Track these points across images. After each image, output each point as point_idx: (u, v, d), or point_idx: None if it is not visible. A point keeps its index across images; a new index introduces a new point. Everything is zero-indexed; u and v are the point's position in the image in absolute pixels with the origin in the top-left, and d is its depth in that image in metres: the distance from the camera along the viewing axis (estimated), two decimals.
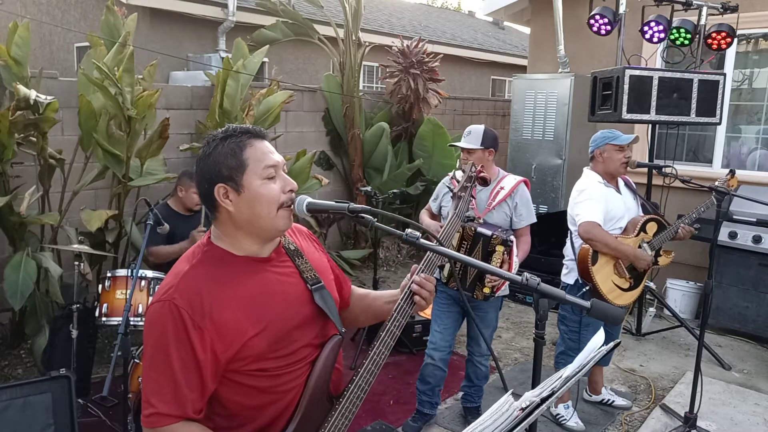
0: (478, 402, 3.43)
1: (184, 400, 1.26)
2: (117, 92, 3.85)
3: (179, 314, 1.26)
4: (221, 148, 1.35)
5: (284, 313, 1.36)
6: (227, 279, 1.33)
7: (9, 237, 3.87)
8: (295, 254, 1.45)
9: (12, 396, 2.67)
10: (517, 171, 6.61)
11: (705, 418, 3.53)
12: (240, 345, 1.29)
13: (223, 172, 1.34)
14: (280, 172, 1.38)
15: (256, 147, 1.36)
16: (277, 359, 1.34)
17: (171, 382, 1.26)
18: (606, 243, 3.10)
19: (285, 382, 1.36)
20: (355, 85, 6.41)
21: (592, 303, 1.27)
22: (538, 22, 6.99)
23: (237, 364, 1.31)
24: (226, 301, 1.30)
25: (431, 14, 15.35)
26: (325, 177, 5.38)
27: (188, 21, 7.76)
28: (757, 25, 5.30)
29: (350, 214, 1.50)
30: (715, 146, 5.69)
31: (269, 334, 1.32)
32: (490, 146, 3.13)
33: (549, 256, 5.65)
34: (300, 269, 1.43)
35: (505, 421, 0.99)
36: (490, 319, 3.25)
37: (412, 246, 1.47)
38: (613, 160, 3.25)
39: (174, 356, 1.26)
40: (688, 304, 5.39)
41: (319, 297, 1.42)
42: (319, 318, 1.42)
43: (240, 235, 1.37)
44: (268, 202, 1.34)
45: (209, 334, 1.26)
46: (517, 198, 3.16)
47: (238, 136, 1.37)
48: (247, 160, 1.34)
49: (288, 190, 1.37)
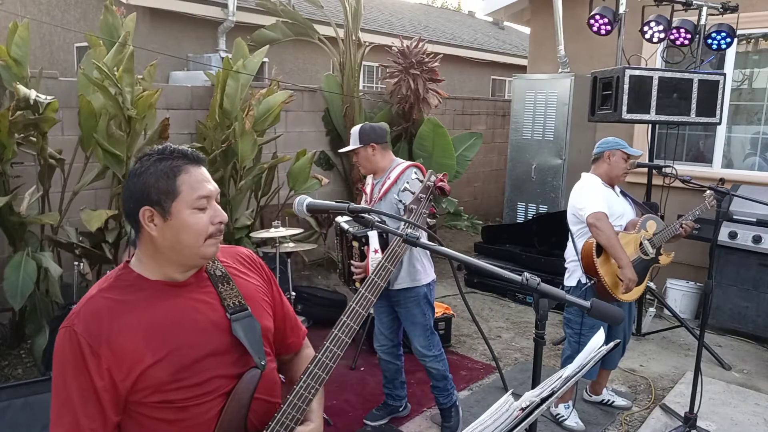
0: (444, 402, 3.32)
1: (81, 429, 1.21)
2: (117, 92, 3.85)
3: (77, 341, 1.22)
4: (154, 168, 1.29)
5: (191, 341, 1.28)
6: (133, 305, 1.27)
7: (9, 237, 3.87)
8: (220, 280, 1.37)
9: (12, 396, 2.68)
10: (517, 171, 6.64)
11: (705, 418, 3.53)
12: (138, 373, 1.23)
13: (152, 196, 1.27)
14: (212, 203, 1.32)
15: (192, 174, 1.30)
16: (183, 390, 1.26)
17: (70, 411, 1.22)
18: (609, 237, 3.10)
19: (195, 416, 1.28)
20: (355, 85, 6.41)
21: (592, 303, 1.27)
22: (538, 22, 6.99)
23: (138, 395, 1.24)
24: (126, 328, 1.24)
25: (431, 14, 15.36)
26: (325, 177, 5.37)
27: (188, 21, 7.76)
28: (757, 25, 5.30)
29: (350, 214, 1.51)
30: (715, 146, 5.69)
31: (170, 363, 1.25)
32: (370, 141, 3.11)
33: (549, 256, 5.65)
34: (222, 296, 1.35)
35: (505, 421, 0.99)
36: (413, 315, 3.18)
37: (413, 246, 1.46)
38: (619, 166, 3.29)
39: (72, 385, 1.22)
40: (688, 304, 5.39)
41: (238, 326, 1.33)
42: (238, 348, 1.33)
43: (160, 259, 1.32)
44: (195, 232, 1.29)
45: (106, 362, 1.22)
46: (404, 182, 3.06)
47: (175, 159, 1.30)
48: (179, 186, 1.28)
49: (217, 221, 1.32)
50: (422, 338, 3.21)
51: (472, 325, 4.93)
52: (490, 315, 5.38)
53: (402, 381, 3.50)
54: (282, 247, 3.78)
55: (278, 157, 5.26)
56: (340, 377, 4.03)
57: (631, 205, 3.45)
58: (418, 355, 3.26)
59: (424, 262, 3.19)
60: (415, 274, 3.14)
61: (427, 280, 3.19)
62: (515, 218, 6.65)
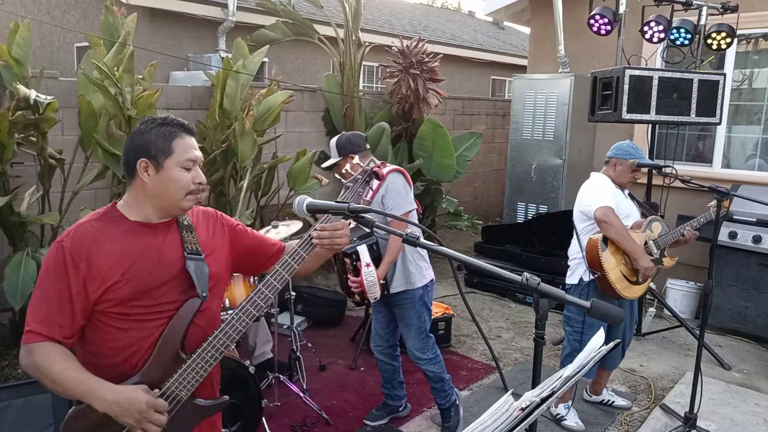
0: (442, 403, 3.32)
1: (53, 323, 1.49)
2: (117, 92, 3.85)
3: (63, 253, 1.51)
4: (156, 130, 1.59)
5: (153, 271, 1.56)
6: (113, 236, 1.56)
7: (9, 237, 3.87)
8: (185, 228, 1.66)
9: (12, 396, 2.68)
10: (517, 171, 6.64)
11: (705, 418, 3.53)
12: (106, 287, 1.51)
13: (151, 150, 1.57)
14: (196, 167, 1.62)
15: (185, 140, 1.61)
16: (139, 307, 1.54)
17: (46, 307, 1.50)
18: (619, 230, 3.13)
19: (143, 329, 1.56)
20: (355, 85, 6.41)
21: (592, 303, 1.27)
22: (538, 22, 6.99)
23: (103, 305, 1.52)
24: (104, 251, 1.53)
25: (431, 14, 15.35)
26: (325, 177, 5.38)
27: (188, 21, 7.76)
28: (757, 25, 5.30)
29: (350, 214, 1.51)
30: (715, 146, 5.69)
31: (133, 284, 1.53)
32: (348, 152, 3.13)
33: (549, 256, 5.65)
34: (184, 240, 1.64)
35: (505, 421, 0.99)
36: (408, 317, 3.19)
37: (413, 245, 1.46)
38: (625, 175, 3.32)
39: (51, 287, 1.50)
40: (688, 304, 5.39)
41: (191, 265, 1.61)
42: (187, 282, 1.61)
43: (146, 203, 1.60)
44: (180, 186, 1.58)
45: (83, 274, 1.50)
46: (384, 189, 3.07)
47: (173, 126, 1.60)
48: (174, 147, 1.58)
49: (197, 182, 1.61)
50: (417, 341, 3.20)
51: (472, 325, 4.93)
52: (490, 315, 5.38)
53: (400, 381, 3.50)
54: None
55: (278, 157, 5.25)
56: (340, 377, 4.03)
57: (637, 207, 3.47)
58: (412, 358, 3.26)
59: (420, 264, 3.18)
60: (410, 277, 3.13)
61: (423, 282, 3.18)
62: (515, 218, 6.65)
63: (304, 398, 3.57)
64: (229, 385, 2.97)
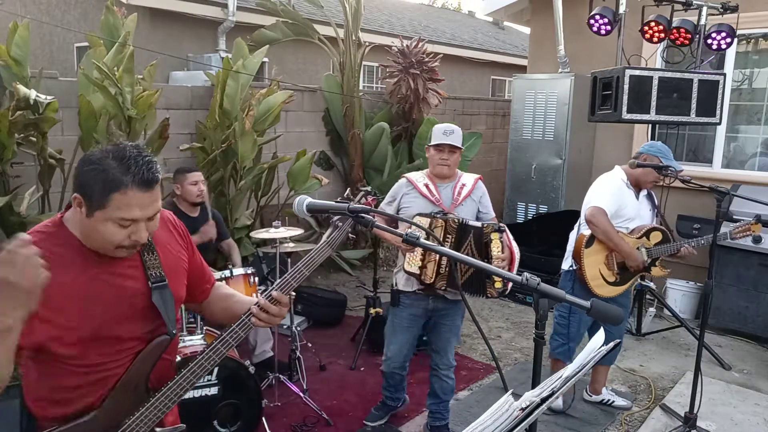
0: (446, 419, 3.29)
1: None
2: (117, 92, 3.85)
3: None
4: (103, 172, 1.30)
5: (112, 307, 1.39)
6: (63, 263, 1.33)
7: (9, 237, 3.87)
8: (145, 249, 1.46)
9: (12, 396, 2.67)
10: (517, 171, 6.64)
11: (705, 418, 3.53)
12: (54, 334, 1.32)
13: (86, 191, 1.32)
14: (139, 225, 1.35)
15: (128, 196, 1.31)
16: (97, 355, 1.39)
17: None
18: (606, 231, 3.17)
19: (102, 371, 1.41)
20: (355, 85, 6.41)
21: (592, 303, 1.27)
22: (538, 22, 6.99)
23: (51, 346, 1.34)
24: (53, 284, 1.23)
25: (431, 14, 15.36)
26: (325, 177, 5.38)
27: (188, 21, 7.76)
28: (757, 25, 5.30)
29: (350, 214, 1.51)
30: (715, 146, 5.69)
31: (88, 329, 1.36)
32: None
33: (549, 256, 5.65)
34: (146, 265, 1.46)
35: (505, 421, 0.99)
36: (457, 327, 3.18)
37: (413, 246, 1.46)
38: (651, 174, 3.26)
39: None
40: (688, 304, 5.39)
41: (157, 296, 1.45)
42: (154, 314, 1.46)
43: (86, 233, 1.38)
44: (107, 240, 1.35)
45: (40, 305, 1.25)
46: (480, 192, 3.21)
47: (124, 175, 1.30)
48: (108, 202, 1.30)
49: (134, 239, 1.36)
50: (453, 349, 3.22)
51: (472, 325, 4.93)
52: (490, 315, 5.38)
53: (403, 386, 3.48)
54: (282, 247, 3.78)
55: (278, 157, 5.26)
56: (340, 377, 4.04)
57: (652, 211, 3.46)
58: (444, 368, 3.18)
59: None
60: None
61: None
62: (515, 218, 6.65)
63: (304, 398, 3.57)
64: (229, 385, 2.99)
